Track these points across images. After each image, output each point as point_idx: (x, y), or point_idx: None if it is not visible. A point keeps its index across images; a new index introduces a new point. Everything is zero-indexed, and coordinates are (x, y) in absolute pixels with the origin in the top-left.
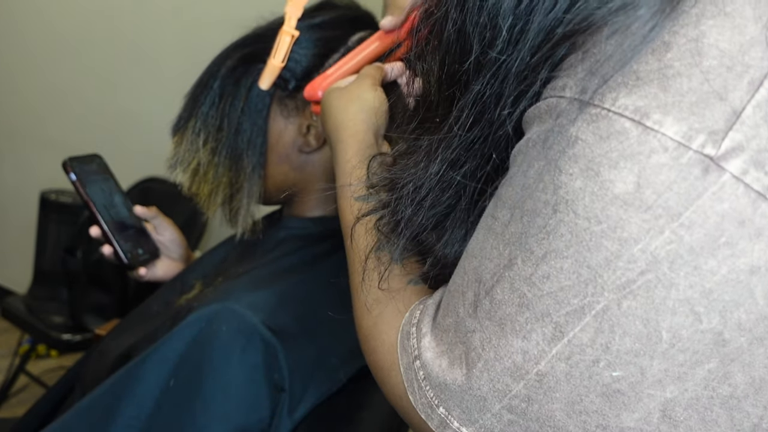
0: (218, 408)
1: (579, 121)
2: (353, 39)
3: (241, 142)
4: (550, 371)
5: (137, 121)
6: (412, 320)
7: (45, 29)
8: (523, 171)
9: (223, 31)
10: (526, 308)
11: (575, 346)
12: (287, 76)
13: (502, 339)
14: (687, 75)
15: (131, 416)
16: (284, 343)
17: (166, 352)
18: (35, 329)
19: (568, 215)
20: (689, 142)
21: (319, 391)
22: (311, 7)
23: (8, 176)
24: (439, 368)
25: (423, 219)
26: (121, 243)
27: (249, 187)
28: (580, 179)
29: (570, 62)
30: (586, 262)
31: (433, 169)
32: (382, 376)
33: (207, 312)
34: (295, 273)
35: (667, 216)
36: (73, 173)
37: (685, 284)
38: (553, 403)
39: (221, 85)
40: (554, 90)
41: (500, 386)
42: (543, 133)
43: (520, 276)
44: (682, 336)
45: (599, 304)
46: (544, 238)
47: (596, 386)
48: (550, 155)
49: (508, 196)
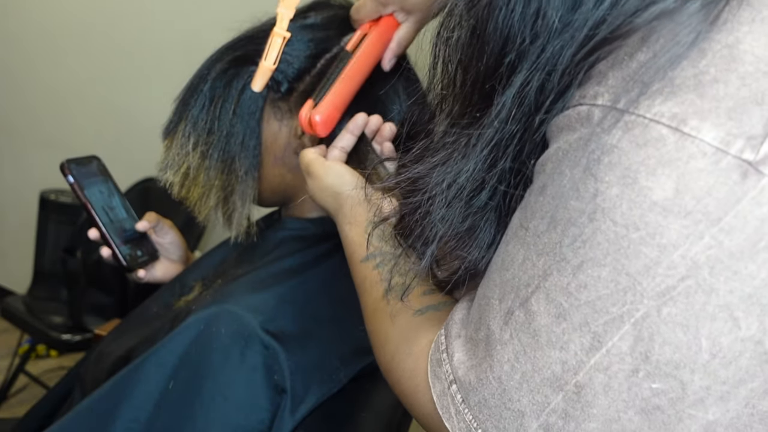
0: (218, 410)
1: (614, 129)
2: (346, 39)
3: (233, 145)
4: (589, 382)
5: (137, 121)
6: (439, 347)
7: (45, 29)
8: (555, 180)
9: (224, 31)
10: (563, 318)
11: (614, 355)
12: (279, 78)
13: (538, 351)
14: (724, 81)
15: (131, 419)
16: (284, 345)
17: (165, 355)
18: (35, 329)
19: (605, 223)
20: (727, 147)
21: (320, 391)
22: (303, 8)
23: (8, 176)
24: (476, 384)
25: (456, 219)
26: (120, 245)
27: (242, 189)
28: (617, 187)
29: (599, 70)
30: (624, 269)
31: (470, 165)
32: (410, 403)
33: (206, 314)
34: (295, 274)
35: (706, 221)
36: (71, 175)
37: (725, 289)
38: (590, 421)
39: (211, 88)
40: (584, 98)
41: (539, 398)
42: (575, 141)
43: (556, 286)
44: (722, 345)
45: (638, 311)
46: (580, 247)
47: (635, 400)
48: (584, 164)
49: (539, 206)
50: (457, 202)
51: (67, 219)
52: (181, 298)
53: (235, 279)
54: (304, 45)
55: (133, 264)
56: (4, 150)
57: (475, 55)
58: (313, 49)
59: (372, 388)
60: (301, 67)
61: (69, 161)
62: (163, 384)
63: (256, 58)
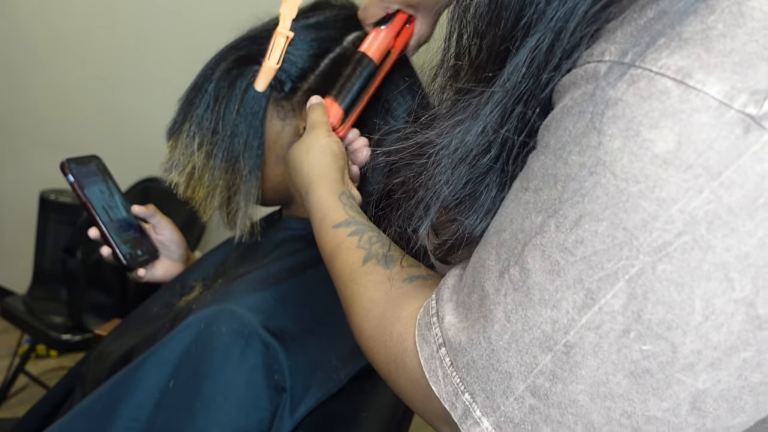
0: (218, 409)
1: (620, 82)
2: (348, 39)
3: (237, 144)
4: (579, 342)
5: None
6: (429, 311)
7: (45, 29)
8: (558, 136)
9: (224, 31)
10: (557, 275)
11: (606, 313)
12: (283, 78)
13: (530, 309)
14: (731, 36)
15: (131, 418)
16: (284, 345)
17: (165, 354)
18: (35, 329)
19: (605, 176)
20: (731, 101)
21: (320, 391)
22: (306, 7)
23: (8, 176)
24: (466, 344)
25: (459, 182)
26: (120, 244)
27: (246, 189)
28: (619, 139)
29: (607, 29)
30: (622, 224)
31: (479, 126)
32: (396, 369)
33: (206, 314)
34: (295, 274)
35: (707, 175)
36: (71, 175)
37: (721, 247)
38: (577, 383)
39: (216, 88)
40: (591, 56)
41: (527, 358)
42: (579, 97)
43: (552, 242)
44: (715, 306)
45: (633, 267)
46: (579, 202)
47: (624, 363)
48: (587, 118)
49: (540, 164)
50: (463, 164)
51: (67, 219)
52: (181, 298)
53: (235, 278)
54: (307, 44)
55: (133, 263)
56: (5, 149)
57: (493, 21)
58: (316, 48)
59: (372, 388)
60: (305, 66)
61: (69, 161)
62: (163, 383)
63: (259, 58)
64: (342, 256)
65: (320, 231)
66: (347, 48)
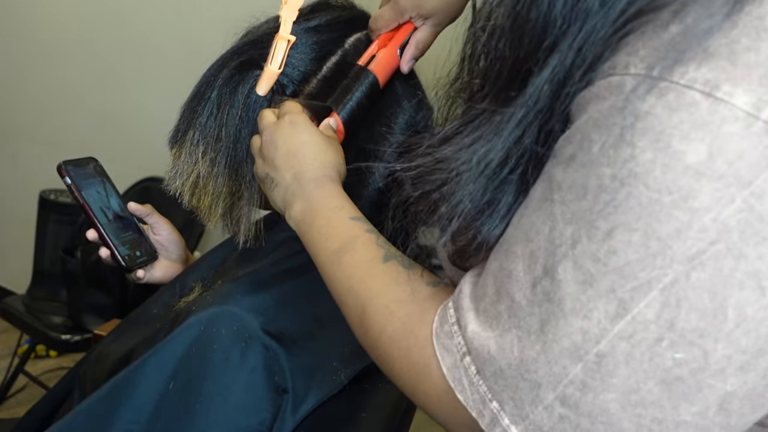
0: (218, 411)
1: (648, 95)
2: (349, 41)
3: (240, 150)
4: (610, 352)
5: (137, 121)
6: (447, 319)
7: (45, 29)
8: (585, 148)
9: (225, 31)
10: (589, 286)
11: (639, 323)
12: (285, 81)
13: (560, 320)
14: (755, 49)
15: (130, 420)
16: (284, 346)
17: (165, 356)
18: (34, 329)
19: (638, 188)
20: (758, 112)
21: (320, 392)
22: (306, 9)
23: (7, 176)
24: (494, 353)
25: (478, 193)
26: (119, 246)
27: (249, 195)
28: (651, 151)
29: (627, 42)
30: (655, 233)
31: (500, 142)
32: (417, 375)
33: (206, 315)
34: (295, 275)
35: (738, 184)
36: (68, 177)
37: (754, 255)
38: (608, 392)
39: (218, 95)
40: (615, 69)
41: (557, 369)
42: (606, 110)
43: (585, 253)
44: (747, 314)
45: (667, 276)
46: (611, 213)
47: (656, 371)
48: (616, 131)
49: (567, 175)
50: (483, 178)
51: (67, 219)
52: (181, 299)
53: (235, 280)
54: (308, 48)
55: (132, 264)
56: (4, 150)
57: (515, 44)
58: (317, 51)
59: (372, 388)
60: (306, 70)
61: (66, 163)
62: (163, 385)
63: (261, 62)
64: (359, 249)
65: (333, 219)
66: (348, 50)
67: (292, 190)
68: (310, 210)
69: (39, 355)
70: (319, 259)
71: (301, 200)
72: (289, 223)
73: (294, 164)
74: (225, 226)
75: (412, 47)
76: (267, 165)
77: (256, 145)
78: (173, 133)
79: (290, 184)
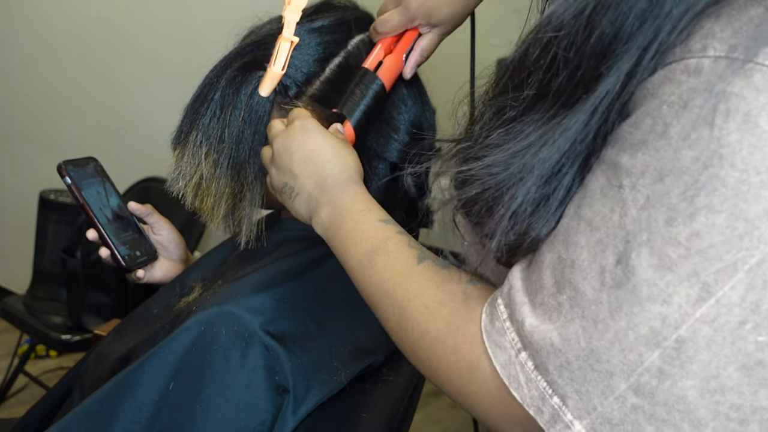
0: (218, 411)
1: (731, 77)
2: (353, 42)
3: (242, 151)
4: (691, 336)
5: (137, 121)
6: (498, 316)
7: (45, 30)
8: (658, 133)
9: (224, 31)
10: (668, 270)
11: (723, 306)
12: (288, 83)
13: (636, 306)
14: None
15: (131, 420)
16: (285, 346)
17: (165, 356)
18: (34, 329)
19: (723, 169)
20: None
21: (321, 392)
22: (309, 10)
23: (7, 176)
24: (559, 345)
25: (532, 194)
26: (119, 246)
27: (251, 196)
28: (737, 132)
29: (701, 25)
30: (742, 214)
31: (559, 147)
32: (466, 374)
33: (206, 315)
34: (296, 275)
35: None
36: (68, 177)
37: None
38: (687, 379)
39: (221, 96)
40: (690, 52)
41: (632, 357)
42: (684, 93)
43: (663, 237)
44: None
45: (754, 258)
46: (694, 195)
47: (738, 355)
48: (696, 112)
49: (638, 161)
50: (543, 178)
51: (67, 219)
52: (181, 299)
53: (235, 280)
54: (312, 49)
55: (132, 264)
56: (4, 150)
57: (587, 53)
58: (321, 52)
59: (372, 388)
60: (310, 71)
61: (66, 162)
62: (163, 385)
63: (263, 63)
64: (392, 251)
65: (362, 223)
66: (352, 52)
67: (316, 196)
68: (336, 215)
69: (39, 355)
70: (349, 263)
71: (327, 206)
72: (316, 230)
73: (313, 170)
74: (227, 227)
75: (417, 54)
76: (283, 174)
77: (268, 155)
78: (176, 134)
79: (313, 191)
